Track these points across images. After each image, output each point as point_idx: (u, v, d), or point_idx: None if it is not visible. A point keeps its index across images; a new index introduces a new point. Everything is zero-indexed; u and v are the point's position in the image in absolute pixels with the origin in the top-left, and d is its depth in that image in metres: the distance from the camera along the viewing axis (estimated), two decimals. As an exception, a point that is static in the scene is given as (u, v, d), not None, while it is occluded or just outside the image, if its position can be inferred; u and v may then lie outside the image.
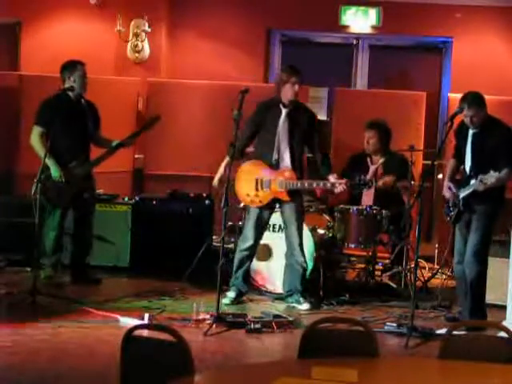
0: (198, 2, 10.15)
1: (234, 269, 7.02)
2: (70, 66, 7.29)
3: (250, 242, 6.96)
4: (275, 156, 6.91)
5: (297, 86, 6.87)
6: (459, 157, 6.60)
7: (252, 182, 6.94)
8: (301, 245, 6.93)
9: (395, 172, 7.80)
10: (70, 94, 7.24)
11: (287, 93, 6.88)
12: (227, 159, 6.83)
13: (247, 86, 6.59)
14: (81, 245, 7.48)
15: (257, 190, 6.93)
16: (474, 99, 6.34)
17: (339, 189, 6.81)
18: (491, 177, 6.03)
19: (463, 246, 6.49)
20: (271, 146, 6.89)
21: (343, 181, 6.79)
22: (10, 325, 5.97)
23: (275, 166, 6.90)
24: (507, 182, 6.41)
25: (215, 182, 7.10)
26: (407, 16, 10.02)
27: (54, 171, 7.08)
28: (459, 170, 6.65)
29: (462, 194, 6.38)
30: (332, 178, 6.83)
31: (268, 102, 7.03)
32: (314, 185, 6.93)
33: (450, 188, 6.50)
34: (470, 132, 6.42)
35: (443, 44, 10.26)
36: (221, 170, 7.04)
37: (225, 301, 6.78)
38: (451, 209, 6.51)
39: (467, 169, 6.43)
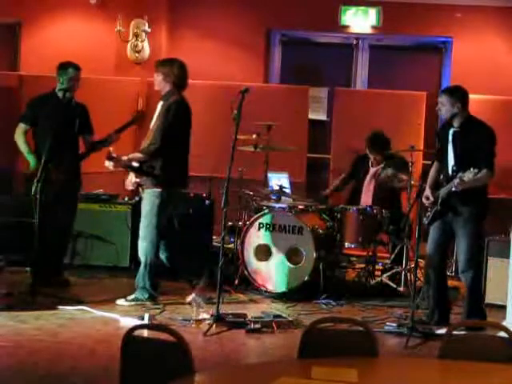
0: (198, 1, 10.16)
1: None
2: (63, 68, 7.29)
3: None
4: None
5: (155, 78, 6.94)
6: (442, 158, 6.54)
7: None
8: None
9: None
10: (60, 94, 7.26)
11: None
12: None
13: (247, 86, 6.59)
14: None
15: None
16: (448, 89, 6.39)
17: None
18: (469, 173, 6.00)
19: (437, 242, 6.46)
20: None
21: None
22: (10, 325, 5.98)
23: None
24: (487, 182, 6.37)
25: None
26: (407, 16, 10.03)
27: (32, 165, 7.16)
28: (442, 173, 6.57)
29: (443, 193, 6.34)
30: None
31: None
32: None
33: (427, 198, 6.43)
34: (451, 131, 6.38)
35: (443, 44, 10.26)
36: None
37: None
38: (428, 209, 6.45)
39: (450, 169, 6.35)
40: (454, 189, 6.14)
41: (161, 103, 6.90)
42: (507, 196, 9.04)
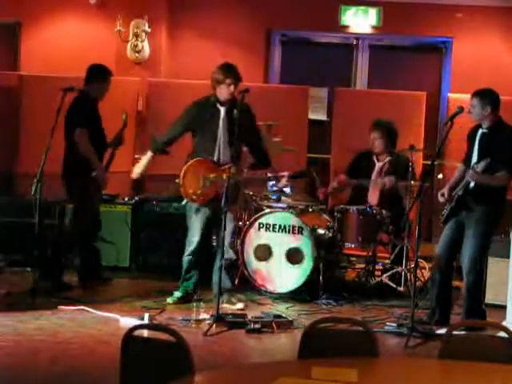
0: (198, 1, 10.16)
1: (183, 271, 6.94)
2: (103, 73, 7.33)
3: (194, 246, 6.87)
4: (216, 155, 6.83)
5: (232, 87, 6.75)
6: (468, 162, 6.56)
7: (198, 180, 6.82)
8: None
9: (399, 173, 7.81)
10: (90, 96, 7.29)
11: (223, 93, 6.78)
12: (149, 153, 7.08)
13: (247, 86, 6.58)
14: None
15: (203, 187, 6.81)
16: (479, 91, 6.38)
17: (283, 181, 6.70)
18: (483, 162, 6.03)
19: (448, 242, 6.46)
20: (212, 145, 6.81)
21: (285, 172, 6.74)
22: (10, 325, 5.98)
23: (217, 164, 6.85)
24: (505, 184, 6.38)
25: (135, 173, 7.15)
26: (407, 16, 10.03)
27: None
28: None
29: (459, 189, 6.36)
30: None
31: (202, 101, 6.93)
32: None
33: (443, 194, 6.48)
34: (479, 132, 6.43)
35: (443, 44, 10.26)
36: (143, 162, 7.07)
37: (168, 300, 6.81)
38: (445, 208, 6.48)
39: (471, 167, 6.38)
40: (469, 179, 6.18)
41: (225, 108, 6.81)
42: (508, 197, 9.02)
